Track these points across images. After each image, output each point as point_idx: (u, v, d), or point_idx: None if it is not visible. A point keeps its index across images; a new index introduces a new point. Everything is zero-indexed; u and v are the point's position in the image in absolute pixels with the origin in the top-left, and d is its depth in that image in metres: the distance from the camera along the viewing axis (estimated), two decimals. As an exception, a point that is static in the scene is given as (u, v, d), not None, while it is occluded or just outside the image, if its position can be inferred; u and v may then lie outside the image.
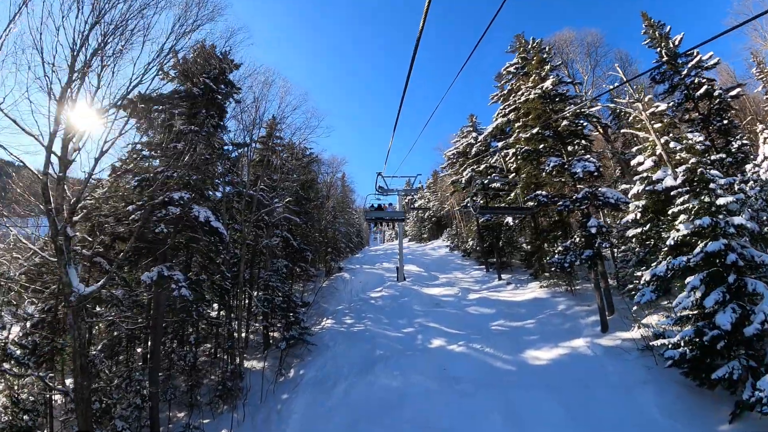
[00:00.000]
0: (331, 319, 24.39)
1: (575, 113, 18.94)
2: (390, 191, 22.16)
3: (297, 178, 29.13)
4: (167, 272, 12.48)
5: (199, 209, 13.19)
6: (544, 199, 16.81)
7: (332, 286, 29.41)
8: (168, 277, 12.41)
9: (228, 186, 22.63)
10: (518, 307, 22.82)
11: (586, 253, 16.05)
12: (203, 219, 13.00)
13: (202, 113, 15.74)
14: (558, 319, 20.63)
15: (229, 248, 18.34)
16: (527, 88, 20.48)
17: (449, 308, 23.21)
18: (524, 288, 25.64)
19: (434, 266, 34.50)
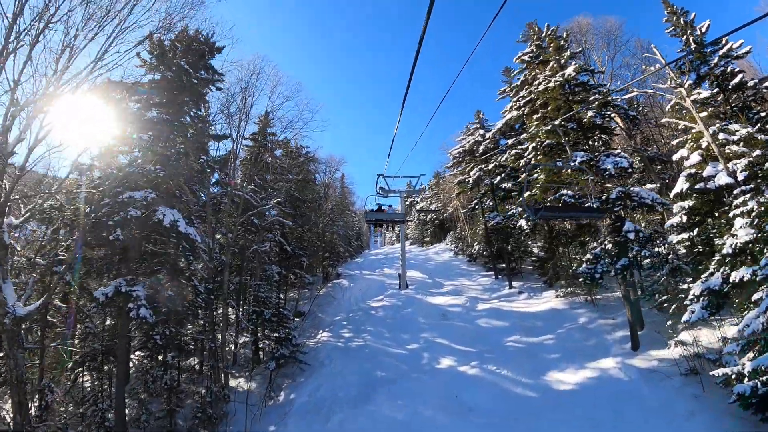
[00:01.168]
0: (328, 331, 22.20)
1: (601, 103, 16.83)
2: (391, 192, 20.15)
3: (292, 178, 27.02)
4: (125, 287, 10.35)
5: (166, 211, 11.07)
6: (570, 199, 14.67)
7: (329, 294, 27.25)
8: (126, 294, 10.28)
9: (217, 186, 20.58)
10: (534, 319, 20.66)
11: (620, 262, 13.91)
12: (168, 223, 10.89)
13: (177, 101, 13.62)
14: (580, 333, 18.49)
15: (205, 256, 16.19)
16: (545, 76, 18.40)
17: (457, 320, 21.04)
18: (538, 297, 23.47)
19: (438, 272, 32.33)
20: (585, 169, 12.94)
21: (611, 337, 17.73)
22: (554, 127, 15.60)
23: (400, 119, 6.37)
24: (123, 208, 10.69)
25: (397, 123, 6.61)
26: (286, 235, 26.19)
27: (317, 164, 32.41)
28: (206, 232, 17.75)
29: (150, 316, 10.51)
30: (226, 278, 16.69)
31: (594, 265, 14.51)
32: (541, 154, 15.99)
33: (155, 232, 11.45)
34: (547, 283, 24.71)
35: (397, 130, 7.62)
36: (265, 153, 24.96)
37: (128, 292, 10.41)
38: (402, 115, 6.02)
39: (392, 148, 13.55)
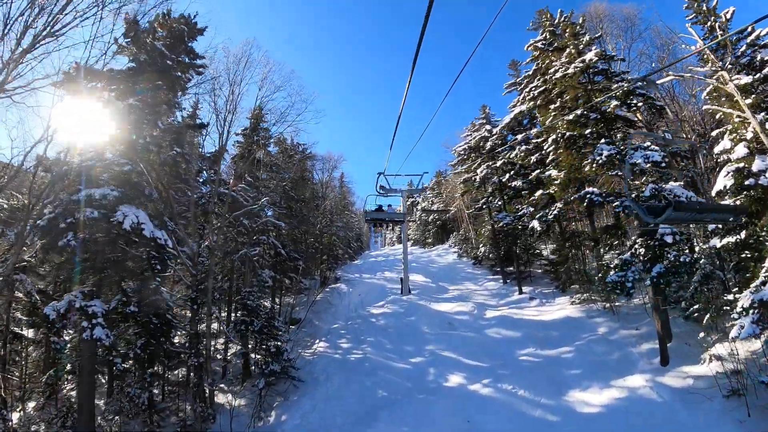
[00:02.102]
0: (325, 341, 20.54)
1: (625, 92, 15.19)
2: (392, 191, 18.50)
3: (288, 176, 25.40)
4: (80, 302, 8.71)
5: (129, 212, 9.43)
6: (597, 198, 13.05)
7: (327, 300, 25.59)
8: (81, 309, 8.65)
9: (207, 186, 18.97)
10: (548, 329, 19.00)
11: (655, 269, 12.27)
12: (129, 225, 9.25)
13: (151, 87, 11.98)
14: (601, 346, 16.83)
15: (187, 261, 14.56)
16: (562, 63, 16.76)
17: (465, 330, 19.37)
18: (551, 304, 21.79)
19: (442, 275, 30.67)
20: (616, 162, 11.39)
21: (636, 350, 16.09)
22: (577, 117, 13.97)
23: (401, 115, 5.80)
24: (79, 209, 9.05)
25: (398, 119, 6.11)
26: (281, 237, 24.56)
27: (314, 161, 30.76)
28: (190, 234, 16.13)
29: (107, 336, 8.86)
30: (210, 285, 15.04)
31: (624, 272, 12.84)
32: (563, 147, 14.34)
33: (122, 236, 9.82)
34: (560, 289, 23.06)
35: (397, 127, 6.89)
36: (257, 149, 23.32)
37: (84, 308, 8.79)
38: (402, 113, 5.49)
39: (393, 144, 12.02)
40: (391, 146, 16.04)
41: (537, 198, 21.04)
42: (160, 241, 10.00)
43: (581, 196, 13.30)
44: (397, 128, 6.98)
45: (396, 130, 7.60)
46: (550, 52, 18.97)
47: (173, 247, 11.16)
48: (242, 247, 18.98)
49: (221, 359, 20.38)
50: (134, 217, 9.34)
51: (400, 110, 5.42)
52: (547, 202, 22.20)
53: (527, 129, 25.64)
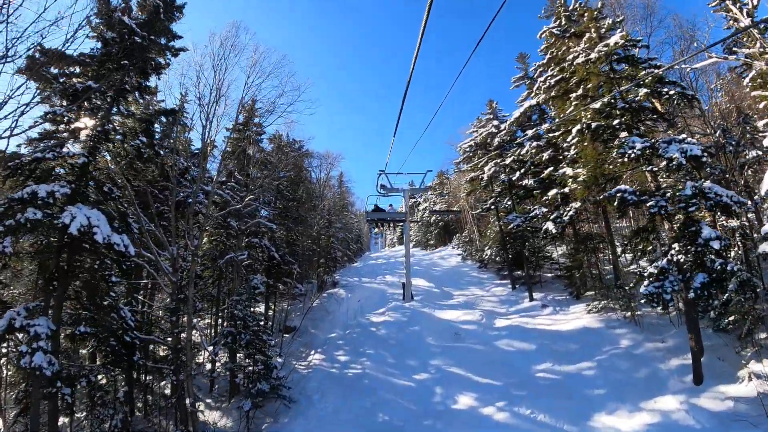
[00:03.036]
0: (320, 353, 18.94)
1: (655, 80, 13.59)
2: (393, 191, 16.92)
3: (283, 175, 23.79)
4: (22, 321, 7.13)
5: (78, 212, 7.83)
6: (630, 197, 11.40)
7: (324, 307, 23.96)
8: (22, 329, 7.06)
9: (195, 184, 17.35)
10: (565, 340, 17.39)
11: (697, 279, 10.66)
12: (77, 229, 7.64)
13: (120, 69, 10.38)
14: (626, 361, 15.22)
15: (167, 267, 12.96)
16: (583, 49, 15.15)
17: (473, 342, 17.75)
18: (566, 312, 20.18)
19: (446, 280, 29.04)
20: (649, 156, 9.86)
21: (666, 366, 14.49)
22: (604, 105, 12.36)
23: (402, 110, 5.55)
24: (23, 209, 7.46)
25: (399, 115, 5.77)
26: (275, 240, 22.97)
27: (311, 159, 29.12)
28: (171, 237, 14.53)
29: (49, 365, 7.25)
30: (190, 294, 13.42)
31: (661, 282, 11.21)
32: (588, 140, 12.71)
33: (75, 241, 8.21)
34: (574, 295, 21.45)
35: (398, 122, 6.35)
36: (249, 144, 21.73)
37: (25, 328, 7.20)
38: (404, 108, 5.13)
39: (394, 141, 10.50)
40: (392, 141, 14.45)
41: (550, 198, 19.43)
42: (119, 248, 8.39)
43: (611, 195, 11.66)
44: (398, 124, 6.42)
45: (397, 124, 6.83)
46: (567, 38, 17.38)
47: (135, 254, 9.51)
48: (231, 250, 17.39)
49: (209, 371, 18.80)
50: (84, 219, 7.74)
51: (401, 105, 5.06)
52: (561, 203, 20.63)
53: (537, 125, 24.06)
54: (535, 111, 24.93)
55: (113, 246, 8.20)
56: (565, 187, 19.90)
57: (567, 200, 20.87)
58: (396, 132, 7.50)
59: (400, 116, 6.55)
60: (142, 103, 11.81)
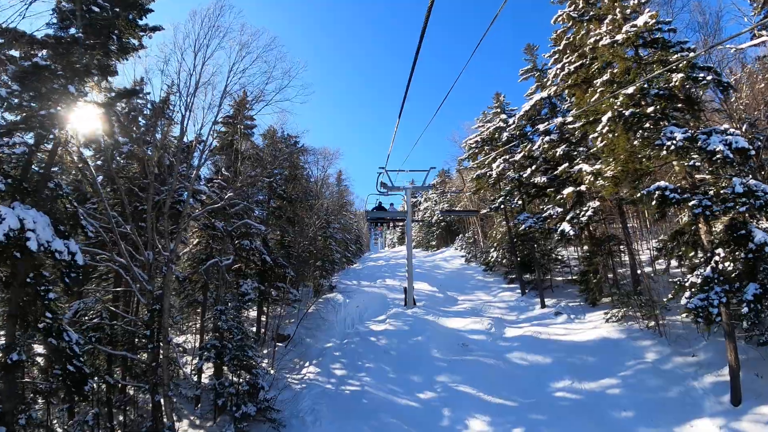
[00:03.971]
0: (315, 365, 17.40)
1: (688, 65, 12.02)
2: (395, 189, 15.46)
3: (277, 172, 22.23)
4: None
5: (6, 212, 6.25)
6: (672, 195, 9.84)
7: (320, 314, 22.38)
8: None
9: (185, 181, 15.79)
10: (583, 353, 15.85)
11: (749, 289, 9.11)
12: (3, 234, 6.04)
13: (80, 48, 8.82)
14: (654, 378, 13.71)
15: (142, 275, 11.40)
16: (607, 31, 13.59)
17: (482, 354, 16.19)
18: (582, 321, 18.62)
19: (450, 283, 27.49)
20: (687, 149, 8.37)
21: (699, 384, 12.98)
22: (637, 91, 10.80)
23: (404, 104, 5.32)
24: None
25: (401, 109, 5.67)
26: (267, 242, 21.40)
27: (307, 155, 27.50)
28: (145, 240, 12.98)
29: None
30: (166, 305, 11.86)
31: (706, 293, 9.64)
32: (620, 130, 11.14)
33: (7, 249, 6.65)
34: (589, 302, 19.87)
35: (400, 118, 6.04)
36: (242, 140, 20.17)
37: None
38: (405, 102, 5.09)
39: (396, 132, 9.04)
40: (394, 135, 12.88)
41: (566, 196, 17.88)
42: (61, 256, 6.84)
43: (649, 192, 10.10)
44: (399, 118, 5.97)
45: (399, 119, 5.72)
46: (586, 21, 15.81)
47: (125, 258, 7.94)
48: (217, 254, 15.84)
49: (195, 384, 17.25)
50: (15, 221, 6.20)
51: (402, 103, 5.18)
52: (576, 202, 19.09)
53: (548, 118, 22.48)
54: (545, 104, 23.36)
55: (54, 254, 6.65)
56: (581, 184, 18.37)
57: (582, 199, 19.36)
58: (397, 127, 6.41)
59: (402, 111, 5.71)
60: (106, 88, 10.24)
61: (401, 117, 6.29)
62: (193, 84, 12.18)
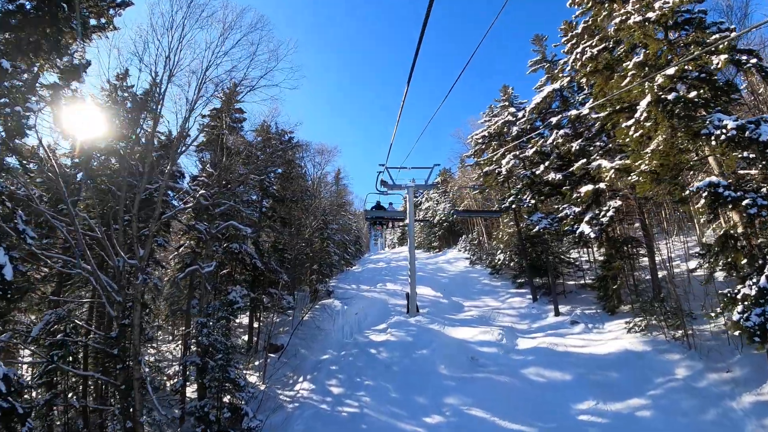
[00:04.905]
0: (310, 381, 15.86)
1: (728, 47, 10.53)
2: (397, 187, 14.03)
3: (266, 169, 20.70)
4: None
5: None
6: (727, 192, 8.29)
7: (315, 323, 20.80)
8: None
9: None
10: (606, 368, 14.31)
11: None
12: None
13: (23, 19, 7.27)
14: (688, 397, 12.19)
15: (110, 284, 9.86)
16: (636, 9, 12.03)
17: (494, 370, 14.64)
18: (600, 330, 17.08)
19: (455, 288, 25.92)
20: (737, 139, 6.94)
21: (737, 404, 11.50)
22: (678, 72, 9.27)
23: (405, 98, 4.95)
24: None
25: (402, 104, 5.15)
26: (259, 245, 19.85)
27: (300, 150, 25.88)
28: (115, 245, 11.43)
29: None
30: (136, 320, 10.32)
31: (762, 307, 8.09)
32: (660, 118, 9.60)
33: None
34: (606, 310, 18.32)
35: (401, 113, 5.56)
36: (231, 135, 18.62)
37: None
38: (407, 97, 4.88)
39: (397, 127, 7.65)
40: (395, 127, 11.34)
41: (583, 195, 16.35)
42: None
43: (698, 189, 8.57)
44: (401, 112, 5.57)
45: (402, 107, 5.82)
46: (608, 1, 14.27)
47: (91, 265, 6.37)
48: (201, 258, 14.29)
49: (178, 402, 15.71)
50: None
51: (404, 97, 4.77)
52: (593, 201, 17.55)
53: (561, 111, 20.95)
54: (556, 97, 21.85)
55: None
56: (600, 181, 16.85)
57: (599, 198, 17.84)
58: (399, 118, 5.77)
59: (403, 104, 5.17)
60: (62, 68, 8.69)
61: (403, 108, 5.58)
62: (170, 67, 10.62)
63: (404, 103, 5.52)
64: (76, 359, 14.22)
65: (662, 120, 9.49)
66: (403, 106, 5.57)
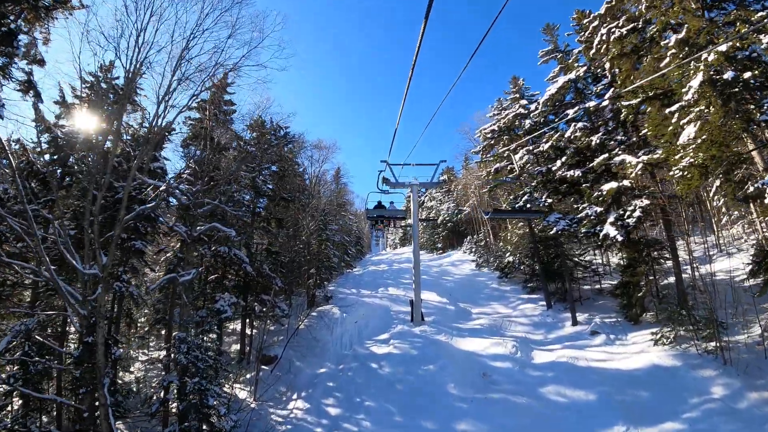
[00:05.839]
0: (304, 399, 14.39)
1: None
2: (400, 185, 12.67)
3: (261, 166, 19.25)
4: None
5: None
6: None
7: (312, 333, 19.31)
8: None
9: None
10: (634, 386, 12.82)
11: None
12: None
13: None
14: (728, 421, 10.84)
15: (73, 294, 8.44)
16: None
17: (510, 389, 13.11)
18: (623, 341, 15.56)
19: (461, 293, 24.42)
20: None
21: (790, 432, 9.99)
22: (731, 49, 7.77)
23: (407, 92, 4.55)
24: None
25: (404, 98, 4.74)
26: (250, 248, 18.36)
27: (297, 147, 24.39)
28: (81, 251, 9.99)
29: None
30: (99, 339, 8.86)
31: None
32: (713, 103, 8.07)
33: None
34: (628, 318, 16.80)
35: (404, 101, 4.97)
36: (220, 129, 17.16)
37: None
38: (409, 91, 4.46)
39: (398, 125, 6.34)
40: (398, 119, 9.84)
41: (605, 193, 14.83)
42: None
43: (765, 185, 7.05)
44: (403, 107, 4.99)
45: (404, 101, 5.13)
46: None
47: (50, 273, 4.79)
48: (183, 265, 12.82)
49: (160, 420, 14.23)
50: None
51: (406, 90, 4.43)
52: (614, 200, 16.03)
53: (577, 104, 19.43)
54: (570, 89, 20.32)
55: None
56: (624, 178, 15.33)
57: (619, 198, 16.32)
58: (402, 109, 5.15)
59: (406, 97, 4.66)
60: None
61: (406, 98, 4.94)
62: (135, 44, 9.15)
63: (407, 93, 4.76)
64: (50, 377, 12.82)
65: (716, 103, 7.98)
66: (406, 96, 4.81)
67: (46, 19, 11.10)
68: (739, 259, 17.18)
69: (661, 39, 10.97)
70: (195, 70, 10.64)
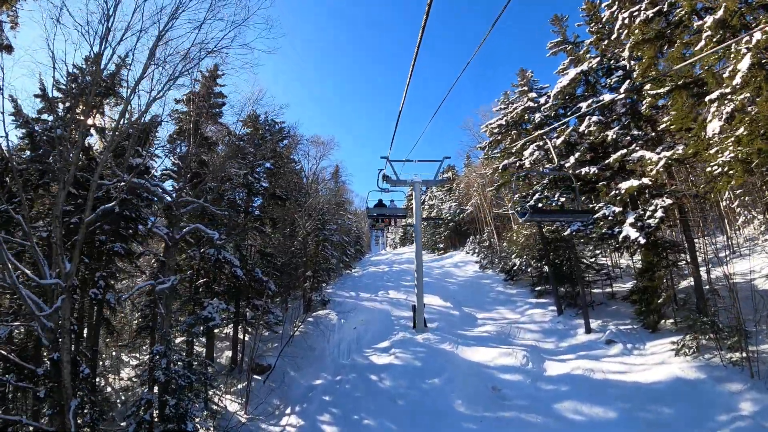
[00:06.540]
0: (298, 413, 13.31)
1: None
2: (401, 183, 11.74)
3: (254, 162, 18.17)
4: None
5: None
6: None
7: (307, 341, 18.23)
8: None
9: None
10: (656, 401, 11.78)
11: None
12: None
13: None
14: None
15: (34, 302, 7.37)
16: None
17: (522, 405, 12.03)
18: (642, 351, 14.48)
19: (465, 296, 23.32)
20: None
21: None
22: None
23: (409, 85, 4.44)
24: None
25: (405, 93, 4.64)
26: (241, 250, 17.25)
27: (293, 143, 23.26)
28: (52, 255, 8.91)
29: None
30: (64, 355, 7.80)
31: None
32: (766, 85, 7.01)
33: None
34: (645, 326, 15.73)
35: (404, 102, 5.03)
36: (208, 122, 16.07)
37: None
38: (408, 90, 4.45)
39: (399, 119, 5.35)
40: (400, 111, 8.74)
41: (624, 192, 13.74)
42: None
43: None
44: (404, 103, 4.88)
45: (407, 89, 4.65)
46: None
47: None
48: (166, 270, 11.71)
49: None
50: None
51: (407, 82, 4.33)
52: (631, 200, 14.96)
53: (588, 97, 18.32)
54: (581, 81, 19.21)
55: None
56: (642, 176, 14.25)
57: (637, 197, 15.25)
58: (402, 106, 4.97)
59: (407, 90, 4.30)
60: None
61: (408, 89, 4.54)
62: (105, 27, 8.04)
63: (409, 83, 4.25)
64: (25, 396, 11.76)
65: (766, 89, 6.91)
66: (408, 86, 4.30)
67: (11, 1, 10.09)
68: (754, 261, 16.12)
69: (690, 23, 9.87)
70: (172, 51, 9.56)
